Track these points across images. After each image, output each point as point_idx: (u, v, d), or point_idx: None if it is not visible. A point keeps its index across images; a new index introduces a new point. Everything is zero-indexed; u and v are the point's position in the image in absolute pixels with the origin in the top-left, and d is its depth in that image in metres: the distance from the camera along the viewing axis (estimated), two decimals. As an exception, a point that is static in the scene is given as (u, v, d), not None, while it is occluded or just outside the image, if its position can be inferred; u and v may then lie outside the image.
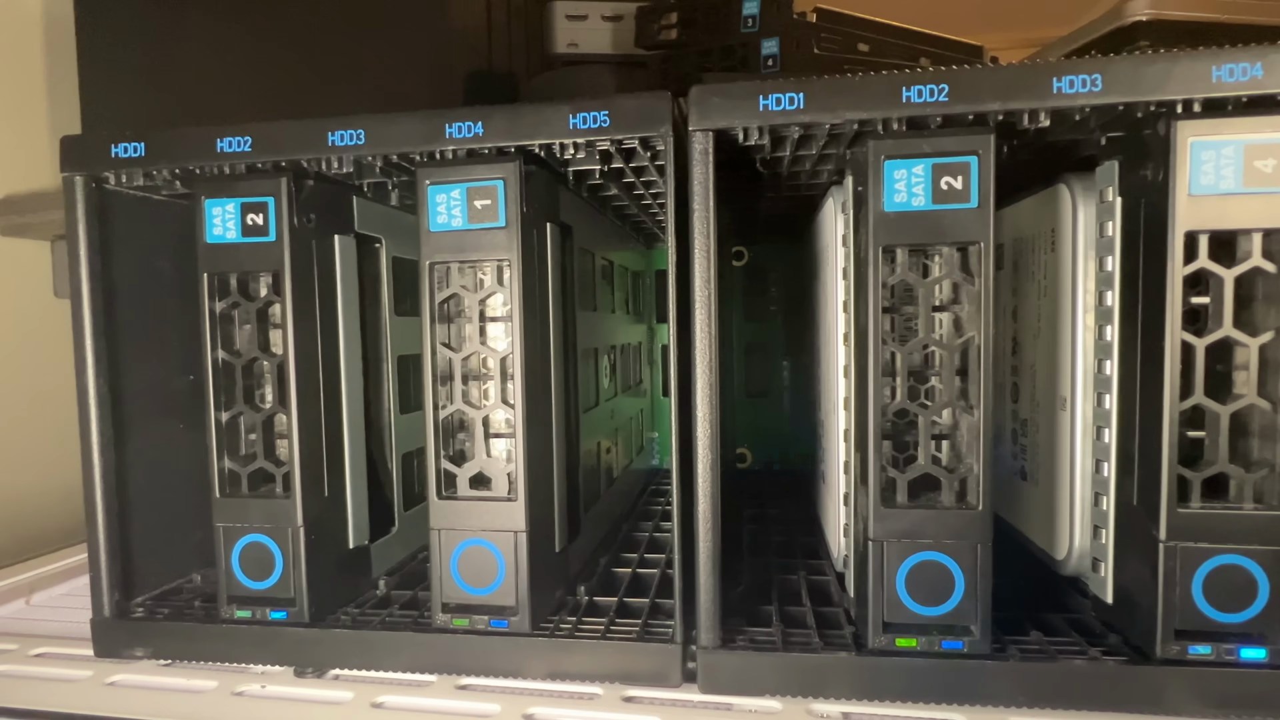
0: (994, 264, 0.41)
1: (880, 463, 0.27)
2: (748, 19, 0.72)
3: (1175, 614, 0.26)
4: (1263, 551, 0.25)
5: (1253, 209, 0.24)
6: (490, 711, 0.28)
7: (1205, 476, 0.26)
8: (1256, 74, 0.24)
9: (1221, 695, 0.26)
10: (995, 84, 0.25)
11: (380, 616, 0.32)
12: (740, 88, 0.27)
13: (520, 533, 0.29)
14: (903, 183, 0.26)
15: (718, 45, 0.74)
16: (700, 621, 0.28)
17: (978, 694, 0.27)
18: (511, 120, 0.28)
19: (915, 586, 0.27)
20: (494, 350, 0.29)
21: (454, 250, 0.29)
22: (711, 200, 0.27)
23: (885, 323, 0.27)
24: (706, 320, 0.28)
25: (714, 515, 0.28)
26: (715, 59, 0.73)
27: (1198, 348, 0.25)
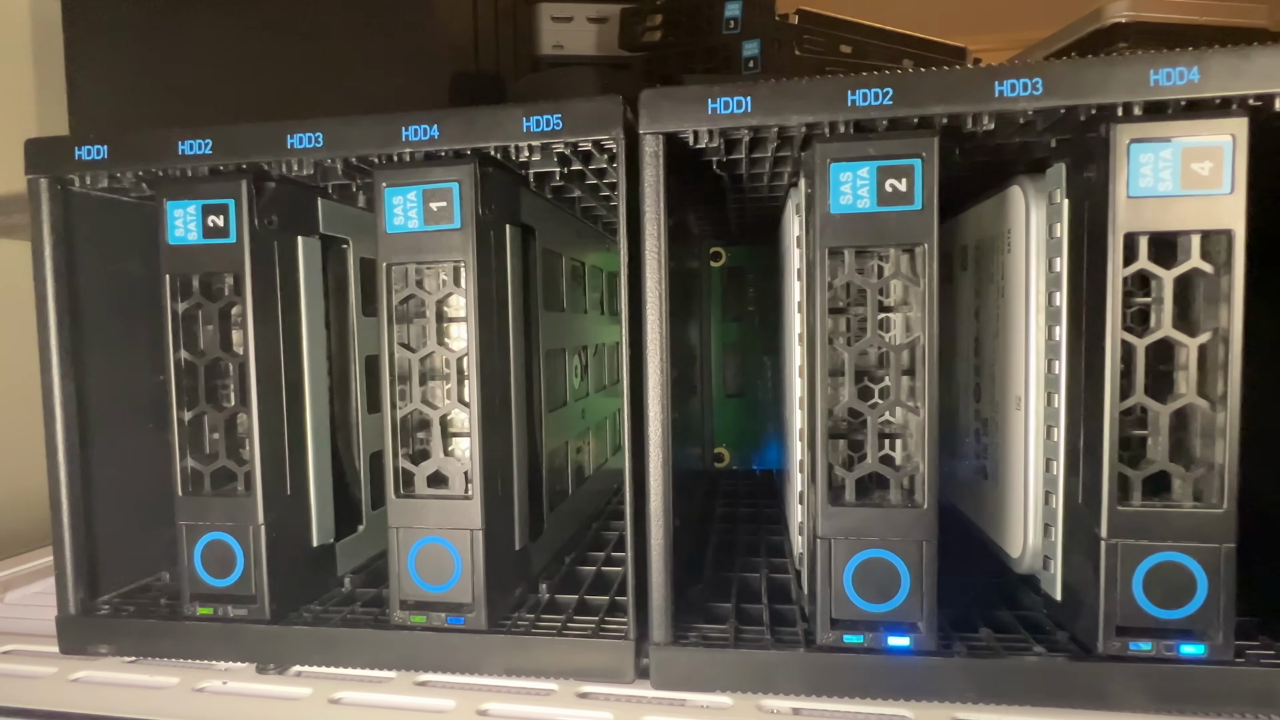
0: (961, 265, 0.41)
1: (828, 461, 0.27)
2: (730, 21, 0.73)
3: (1116, 610, 0.26)
4: (1201, 549, 0.25)
5: (1190, 211, 0.25)
6: (445, 707, 0.28)
7: (1146, 475, 0.26)
8: (1193, 78, 0.25)
9: (1162, 691, 0.26)
10: (938, 88, 0.26)
11: (342, 614, 0.32)
12: (689, 91, 0.27)
13: (476, 530, 0.29)
14: (848, 185, 0.26)
15: (700, 47, 0.74)
16: (652, 619, 0.28)
17: (924, 690, 0.27)
18: (466, 123, 0.29)
19: (862, 583, 0.27)
20: (451, 350, 0.30)
21: (411, 252, 0.29)
22: (662, 202, 0.28)
23: (834, 323, 0.27)
24: (657, 321, 0.28)
25: (665, 514, 0.28)
26: (697, 60, 0.74)
27: (1138, 348, 0.26)
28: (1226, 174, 0.24)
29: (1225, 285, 0.25)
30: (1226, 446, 0.25)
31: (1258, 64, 0.24)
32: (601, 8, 0.83)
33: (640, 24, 0.78)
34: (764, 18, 0.73)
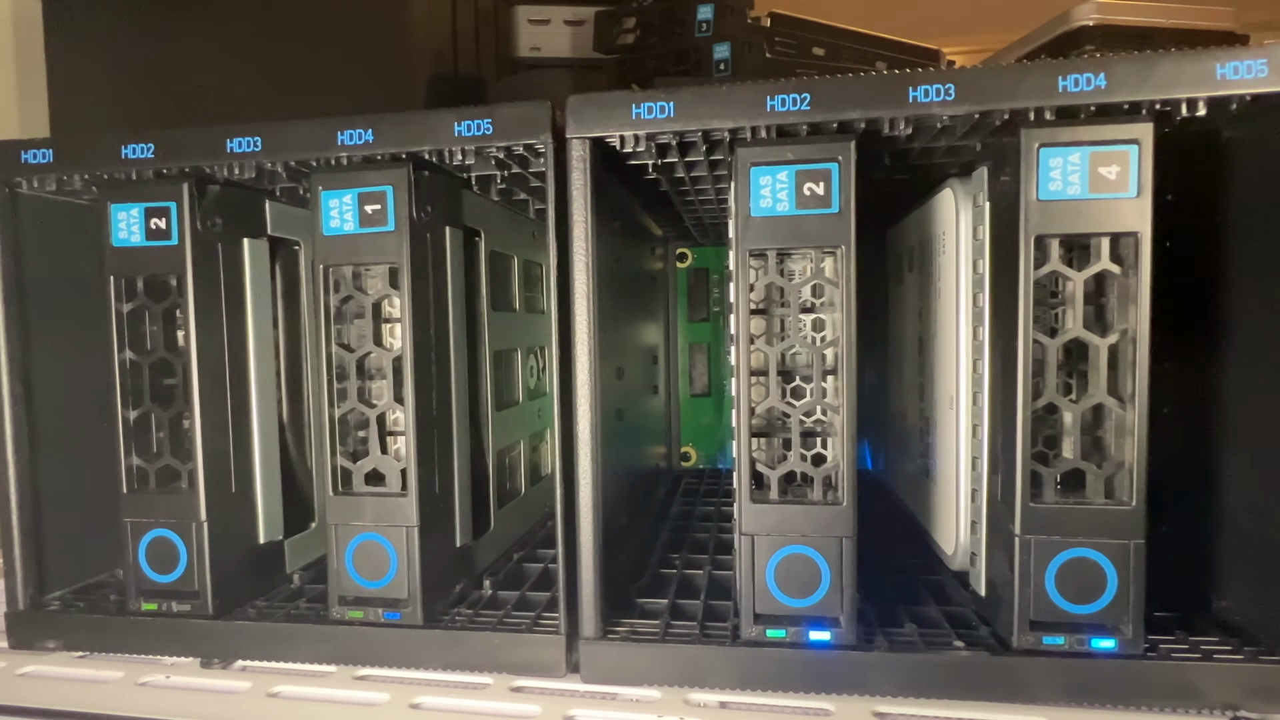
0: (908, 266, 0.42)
1: (751, 458, 0.28)
2: (702, 24, 0.73)
3: (1030, 606, 0.26)
4: (1111, 545, 0.26)
5: (1098, 214, 0.25)
6: (379, 701, 0.29)
7: (1059, 473, 0.27)
8: (1100, 84, 0.25)
9: (1075, 684, 0.26)
10: (855, 93, 0.26)
11: (286, 609, 0.33)
12: (614, 96, 0.28)
13: (412, 527, 0.30)
14: (768, 188, 0.27)
15: (673, 50, 0.74)
16: (581, 614, 0.29)
17: (844, 684, 0.28)
18: (400, 127, 0.29)
19: (784, 579, 0.28)
20: (388, 351, 0.30)
21: (347, 254, 0.30)
22: (589, 205, 0.28)
23: (756, 325, 0.28)
24: (586, 321, 0.29)
25: (595, 512, 0.29)
26: (669, 63, 0.74)
27: (1050, 348, 0.26)
28: (1133, 178, 0.25)
29: (1133, 287, 0.25)
30: (1135, 444, 0.26)
31: (1162, 71, 0.25)
32: (578, 10, 0.84)
33: (615, 27, 0.78)
34: (736, 21, 0.73)
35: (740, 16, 0.74)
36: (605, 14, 0.79)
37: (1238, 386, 0.30)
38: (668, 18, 0.76)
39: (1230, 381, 0.30)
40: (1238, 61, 0.25)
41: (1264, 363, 0.28)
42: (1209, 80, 0.25)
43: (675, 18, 0.75)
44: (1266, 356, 0.28)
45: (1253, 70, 0.24)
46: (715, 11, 0.73)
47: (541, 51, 0.85)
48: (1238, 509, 0.30)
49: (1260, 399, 0.28)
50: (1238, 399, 0.30)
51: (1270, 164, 0.27)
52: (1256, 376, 0.29)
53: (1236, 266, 0.30)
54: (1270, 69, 0.24)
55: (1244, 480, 0.29)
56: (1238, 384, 0.30)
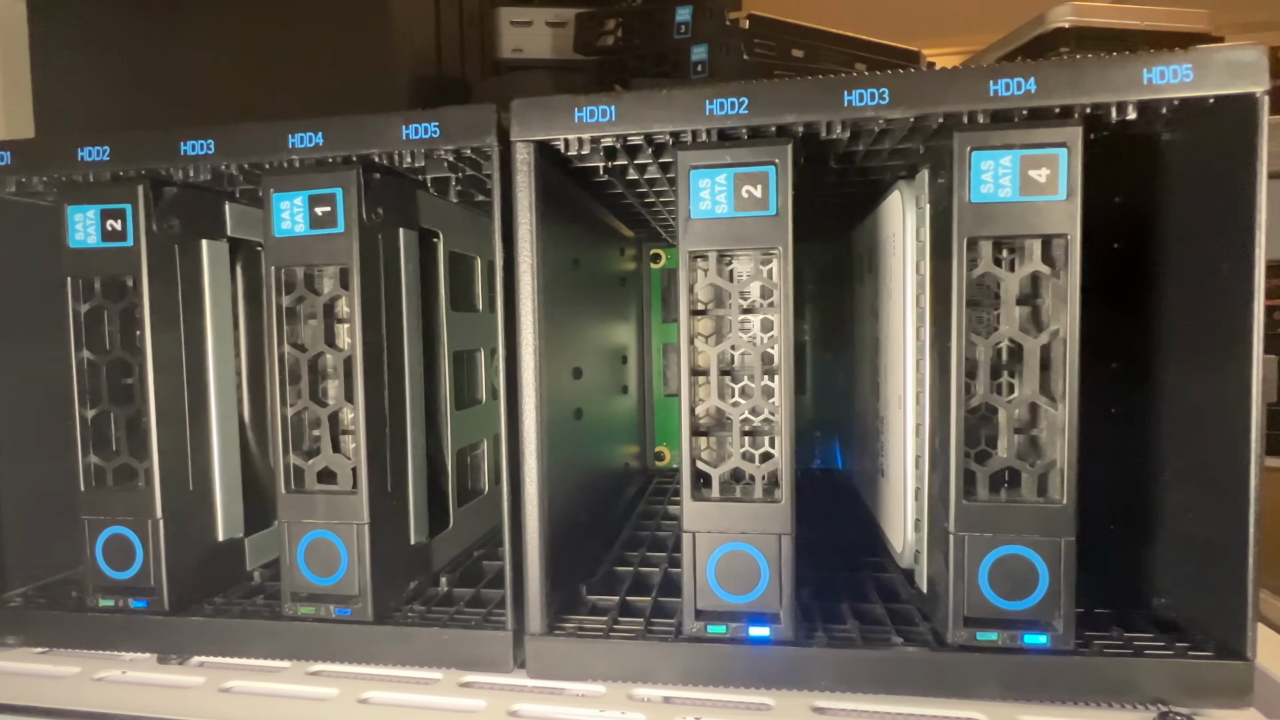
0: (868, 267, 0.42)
1: (693, 456, 0.28)
2: (680, 26, 0.74)
3: (964, 602, 0.27)
4: (1042, 542, 0.26)
5: (1029, 216, 0.26)
6: (328, 695, 0.29)
7: (993, 471, 0.27)
8: (1030, 88, 0.26)
9: (1008, 679, 0.27)
10: (792, 97, 0.27)
11: (242, 606, 0.33)
12: (558, 100, 0.28)
13: (363, 524, 0.30)
14: (707, 191, 0.27)
15: (651, 51, 0.75)
16: (527, 611, 0.29)
17: (784, 679, 0.28)
18: (349, 130, 0.30)
19: (725, 576, 0.28)
20: (338, 350, 0.31)
21: (297, 255, 0.30)
22: (534, 208, 0.29)
23: (696, 325, 0.28)
24: (531, 324, 0.29)
25: (541, 510, 0.29)
26: (648, 65, 0.74)
27: (983, 348, 0.27)
28: (1063, 181, 0.25)
29: (1063, 288, 0.26)
30: (1065, 443, 0.26)
31: (1090, 76, 0.25)
32: (560, 12, 0.84)
33: (595, 28, 0.79)
34: (714, 23, 0.73)
35: (719, 19, 0.74)
36: (586, 16, 0.79)
37: (1173, 386, 0.30)
38: (647, 20, 0.77)
39: (1167, 381, 0.30)
40: (1163, 66, 0.25)
41: (1195, 362, 0.28)
42: (1136, 85, 0.25)
43: (655, 20, 0.76)
44: (1197, 356, 0.28)
45: (1178, 75, 0.25)
46: (694, 14, 0.73)
47: (524, 53, 0.86)
48: (1174, 507, 0.30)
49: (1193, 398, 0.29)
50: (1174, 399, 0.30)
51: (1202, 166, 0.28)
52: (1189, 376, 0.29)
53: (1173, 268, 0.30)
54: (1195, 74, 0.25)
55: (1180, 478, 0.30)
56: (1174, 384, 0.30)
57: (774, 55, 0.76)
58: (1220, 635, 0.27)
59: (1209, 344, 0.28)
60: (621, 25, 0.78)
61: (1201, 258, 0.28)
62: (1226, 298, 0.26)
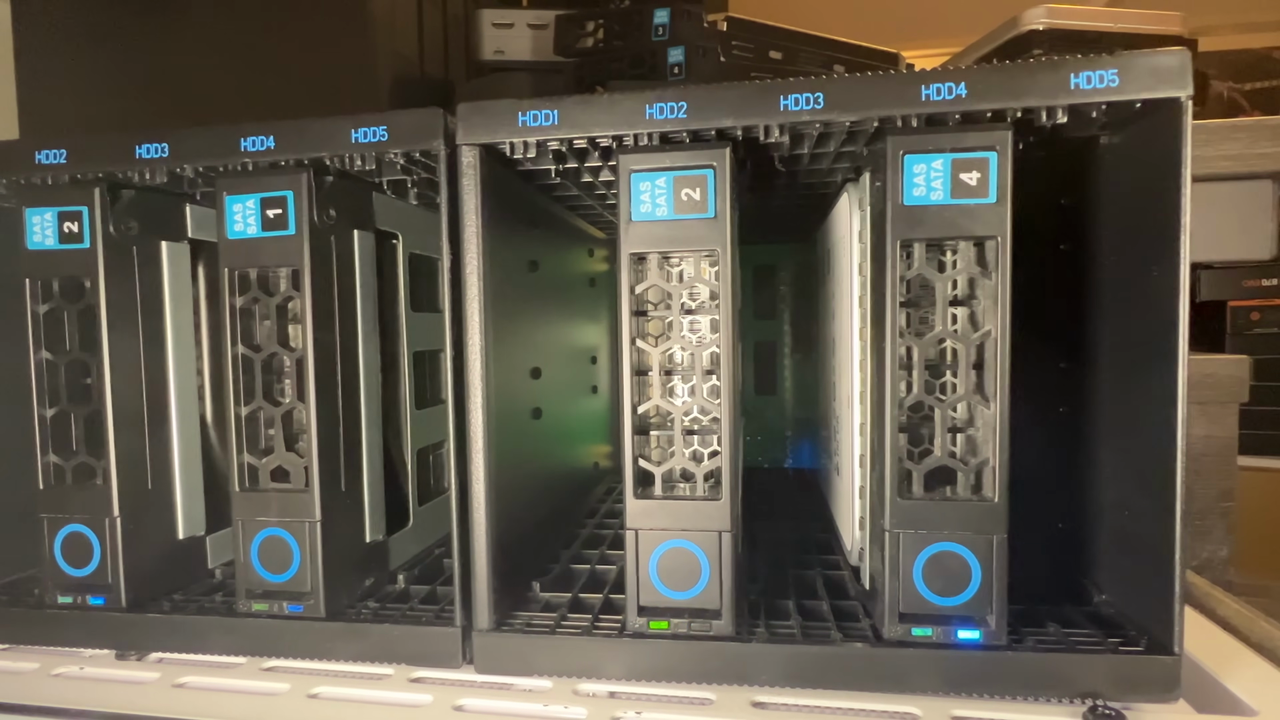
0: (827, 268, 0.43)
1: (635, 455, 0.29)
2: (658, 28, 0.74)
3: (899, 598, 0.27)
4: (974, 539, 0.27)
5: (960, 219, 0.26)
6: (279, 690, 0.30)
7: (927, 470, 0.27)
8: (961, 93, 0.26)
9: (943, 674, 0.27)
10: (729, 102, 0.27)
11: (200, 603, 0.34)
12: (502, 104, 0.29)
13: (315, 522, 0.31)
14: (647, 194, 0.28)
15: (629, 53, 0.75)
16: (475, 607, 0.30)
17: (724, 674, 0.28)
18: (299, 134, 0.30)
19: (667, 572, 0.29)
20: (291, 350, 0.31)
21: (250, 257, 0.31)
22: (479, 211, 0.29)
23: (636, 326, 0.29)
24: (477, 324, 0.29)
25: (489, 509, 0.30)
26: (625, 67, 0.75)
27: (918, 348, 0.27)
28: (993, 184, 0.26)
29: (994, 289, 0.26)
30: (997, 441, 0.26)
31: (1019, 81, 0.26)
32: (541, 14, 0.85)
33: (575, 30, 0.79)
34: (692, 25, 0.74)
35: (696, 21, 0.75)
36: (566, 18, 0.80)
37: (1113, 386, 0.30)
38: (626, 22, 0.77)
39: (1108, 381, 0.31)
40: (1090, 71, 0.25)
41: (1130, 363, 0.29)
42: (1064, 89, 0.26)
43: (633, 22, 0.76)
44: (1133, 357, 0.29)
45: (1104, 80, 0.25)
46: (671, 16, 0.74)
47: (505, 55, 0.86)
48: (1113, 505, 0.30)
49: (1129, 398, 0.29)
50: (1113, 398, 0.30)
51: (1135, 170, 0.28)
52: (1127, 376, 0.29)
53: (1112, 269, 0.30)
54: (1121, 79, 0.25)
55: (1118, 477, 0.30)
56: (1113, 383, 0.30)
57: (752, 57, 0.76)
58: (1152, 631, 0.27)
59: (1143, 345, 0.28)
60: (601, 27, 0.79)
61: (1136, 260, 0.28)
62: (1157, 300, 0.27)
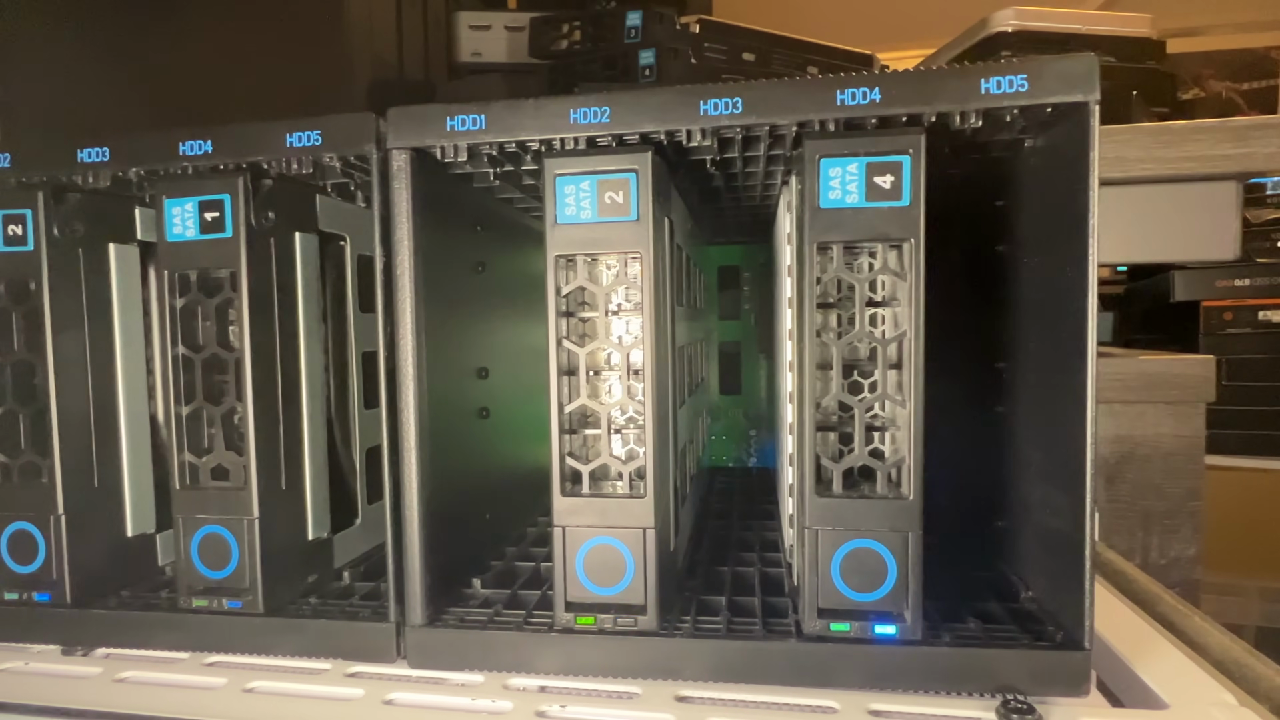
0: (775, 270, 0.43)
1: (561, 454, 0.29)
2: (631, 30, 0.75)
3: (818, 593, 0.28)
4: (890, 536, 0.27)
5: (874, 221, 0.27)
6: (216, 685, 0.30)
7: (845, 468, 0.28)
8: (875, 97, 0.27)
9: (861, 669, 0.28)
10: (651, 107, 0.28)
11: (145, 599, 0.34)
12: (431, 109, 0.29)
13: (253, 520, 0.31)
14: (572, 197, 0.28)
15: (602, 55, 0.76)
16: (408, 603, 0.30)
17: (650, 668, 0.29)
18: (235, 138, 0.31)
19: (592, 569, 0.29)
20: (230, 351, 0.32)
21: (188, 259, 0.31)
22: (411, 215, 0.30)
23: (563, 327, 0.29)
24: (410, 327, 0.30)
25: (423, 505, 0.30)
26: (598, 69, 0.76)
27: (837, 349, 0.28)
28: (906, 187, 0.26)
29: (908, 290, 0.27)
30: (912, 440, 0.27)
31: (931, 86, 0.26)
32: (517, 16, 0.85)
33: (550, 33, 0.80)
34: (664, 28, 0.74)
35: (669, 23, 0.75)
36: (541, 20, 0.80)
37: (1039, 385, 0.31)
38: (600, 24, 0.78)
39: (1035, 380, 0.31)
40: (1000, 77, 0.26)
41: (1053, 362, 0.29)
42: (975, 94, 0.26)
43: (607, 24, 0.77)
44: (1054, 357, 0.29)
45: (1014, 85, 0.26)
46: (644, 19, 0.74)
47: (483, 57, 0.87)
48: (1038, 503, 0.31)
49: (1050, 395, 0.30)
50: (1039, 397, 0.31)
51: (1054, 172, 0.29)
52: (1050, 375, 0.30)
53: (1037, 270, 0.31)
54: (1030, 84, 0.26)
55: (1042, 475, 0.31)
56: (1039, 382, 0.31)
57: (725, 59, 0.77)
58: (1067, 626, 0.28)
59: (1061, 344, 0.29)
60: (576, 30, 0.79)
61: (1055, 261, 0.29)
62: (1070, 300, 0.27)
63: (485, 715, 0.28)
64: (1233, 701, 0.27)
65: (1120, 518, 0.72)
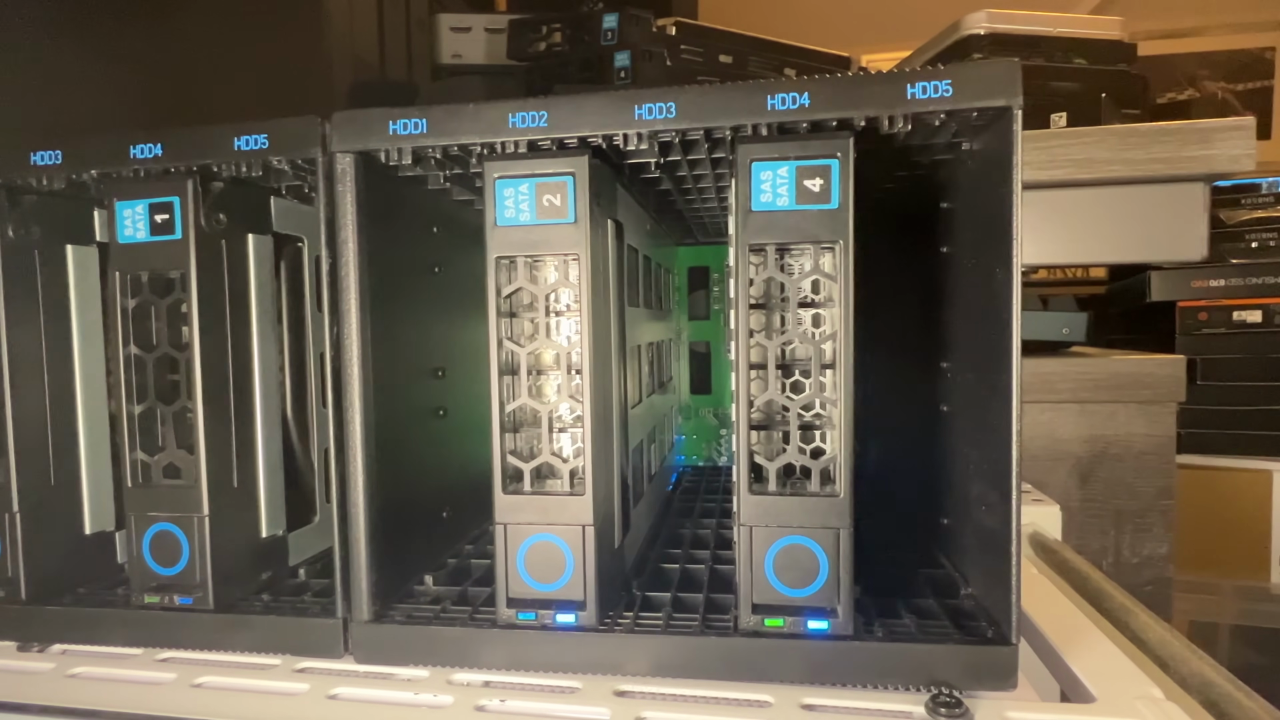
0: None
1: (503, 451, 0.30)
2: (607, 33, 0.75)
3: (752, 589, 0.28)
4: (821, 532, 0.28)
5: (804, 224, 0.27)
6: (165, 680, 0.31)
7: (779, 465, 0.28)
8: (804, 102, 0.27)
9: (795, 663, 0.28)
10: (588, 112, 0.28)
11: (101, 595, 0.35)
12: (374, 113, 0.30)
13: (203, 517, 0.32)
14: (511, 200, 0.29)
15: (579, 58, 0.76)
16: (354, 599, 0.31)
17: (590, 664, 0.29)
18: (185, 142, 0.31)
19: (533, 565, 0.29)
20: (180, 351, 0.32)
21: (139, 261, 0.32)
22: (355, 218, 0.30)
23: (504, 327, 0.30)
24: (355, 328, 0.30)
25: (368, 505, 0.31)
26: (575, 71, 0.76)
27: (771, 350, 0.28)
28: (835, 190, 0.27)
29: (838, 291, 0.27)
30: (841, 438, 0.27)
31: (858, 91, 0.27)
32: (497, 18, 0.86)
33: (529, 35, 0.80)
34: (640, 30, 0.75)
35: (646, 26, 0.76)
36: (519, 22, 0.81)
37: (976, 384, 0.31)
38: (578, 27, 0.78)
39: (972, 378, 0.32)
40: (925, 82, 0.26)
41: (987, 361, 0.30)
42: (901, 99, 0.27)
43: (585, 27, 0.77)
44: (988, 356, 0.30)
45: (939, 90, 0.26)
46: (620, 21, 0.75)
47: (463, 58, 0.87)
48: (975, 501, 0.31)
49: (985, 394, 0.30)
50: (975, 395, 0.31)
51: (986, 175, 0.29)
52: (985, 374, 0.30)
53: (972, 269, 0.31)
54: (954, 89, 0.26)
55: (978, 473, 0.31)
56: (976, 381, 0.31)
57: (701, 61, 0.77)
58: (999, 622, 0.28)
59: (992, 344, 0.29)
60: (555, 32, 0.80)
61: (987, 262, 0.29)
62: (998, 300, 0.28)
63: (426, 710, 0.29)
64: (1159, 695, 0.28)
65: (1093, 516, 0.73)
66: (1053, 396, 0.71)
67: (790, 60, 0.81)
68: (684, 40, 0.76)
